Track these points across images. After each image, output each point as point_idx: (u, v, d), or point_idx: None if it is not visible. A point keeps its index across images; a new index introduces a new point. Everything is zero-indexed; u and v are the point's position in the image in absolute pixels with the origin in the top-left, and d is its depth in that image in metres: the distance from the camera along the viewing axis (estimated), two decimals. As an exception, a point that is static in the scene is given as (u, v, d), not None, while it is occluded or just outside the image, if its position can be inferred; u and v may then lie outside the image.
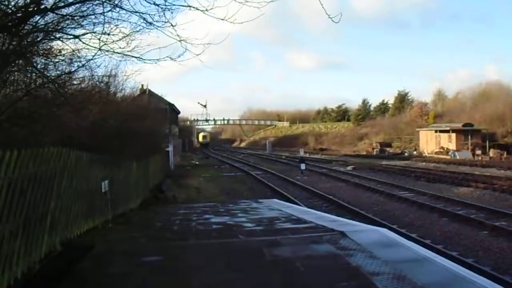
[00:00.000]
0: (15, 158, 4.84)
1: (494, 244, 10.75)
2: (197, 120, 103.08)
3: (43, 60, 7.53)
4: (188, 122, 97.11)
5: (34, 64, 7.22)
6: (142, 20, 6.22)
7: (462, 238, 11.54)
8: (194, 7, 5.84)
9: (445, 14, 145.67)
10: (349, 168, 34.43)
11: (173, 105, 44.62)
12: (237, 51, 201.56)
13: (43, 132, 7.39)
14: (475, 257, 9.82)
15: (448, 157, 40.33)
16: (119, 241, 8.09)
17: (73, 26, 6.54)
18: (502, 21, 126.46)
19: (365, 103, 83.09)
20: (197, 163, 47.60)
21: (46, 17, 6.33)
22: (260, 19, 6.27)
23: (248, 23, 6.31)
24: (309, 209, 13.50)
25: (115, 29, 6.56)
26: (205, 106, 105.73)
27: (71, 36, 6.57)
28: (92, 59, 7.86)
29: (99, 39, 6.42)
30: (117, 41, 6.67)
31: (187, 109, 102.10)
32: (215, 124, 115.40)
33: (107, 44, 6.58)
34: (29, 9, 5.48)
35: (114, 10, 6.07)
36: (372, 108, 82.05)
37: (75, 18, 6.25)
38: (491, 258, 9.75)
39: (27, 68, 7.24)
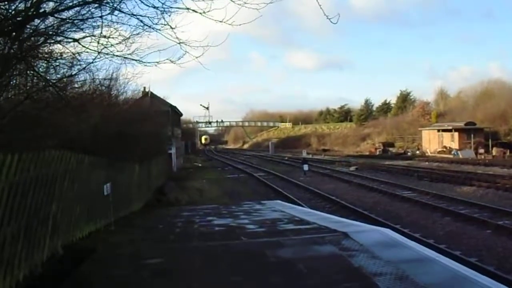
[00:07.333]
0: (16, 161, 4.84)
1: (498, 243, 10.69)
2: (199, 122, 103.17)
3: (44, 64, 7.56)
4: (191, 125, 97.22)
5: (35, 67, 7.24)
6: (141, 23, 6.24)
7: (465, 238, 11.48)
8: (192, 10, 5.84)
9: (446, 10, 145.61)
10: (352, 168, 34.39)
11: (175, 107, 44.65)
12: (236, 52, 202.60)
13: (44, 135, 7.40)
14: (479, 256, 9.75)
15: (451, 156, 40.22)
16: (121, 244, 8.08)
17: (73, 29, 6.56)
18: (505, 18, 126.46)
19: (367, 103, 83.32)
20: (200, 165, 47.63)
21: (46, 21, 6.36)
22: (258, 19, 6.27)
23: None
24: (312, 210, 13.46)
25: (115, 32, 6.59)
26: (207, 108, 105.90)
27: (71, 40, 6.59)
28: (92, 63, 7.89)
29: (98, 42, 6.44)
30: (116, 44, 6.69)
31: (190, 111, 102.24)
32: (217, 126, 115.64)
33: (106, 47, 6.61)
34: (29, 13, 5.49)
35: (113, 14, 6.09)
36: (374, 108, 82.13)
37: (75, 21, 6.27)
38: (495, 257, 9.68)
39: (28, 71, 7.26)
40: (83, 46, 6.64)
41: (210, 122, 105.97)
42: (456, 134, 43.58)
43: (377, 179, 25.66)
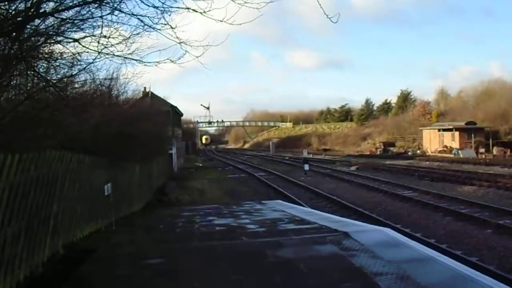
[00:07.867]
0: (16, 161, 4.84)
1: (499, 243, 10.69)
2: (199, 122, 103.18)
3: (44, 64, 7.53)
4: (192, 125, 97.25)
5: (35, 68, 7.22)
6: (141, 23, 6.23)
7: (466, 237, 11.48)
8: (192, 9, 5.83)
9: (446, 9, 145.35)
10: (353, 168, 34.39)
11: (175, 107, 44.64)
12: (236, 51, 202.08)
13: (45, 135, 7.39)
14: (480, 256, 9.76)
15: (452, 155, 40.21)
16: (122, 244, 8.08)
17: (73, 29, 6.55)
18: (505, 17, 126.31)
19: (368, 103, 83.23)
20: (200, 165, 47.60)
21: (47, 21, 6.35)
22: (259, 18, 6.26)
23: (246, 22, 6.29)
24: (312, 210, 13.45)
25: (115, 32, 6.57)
26: (208, 108, 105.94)
27: (71, 40, 6.58)
28: (92, 63, 7.88)
29: (98, 42, 6.43)
30: (117, 44, 6.67)
31: (190, 111, 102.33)
32: (218, 126, 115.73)
33: (107, 47, 6.59)
34: (29, 13, 5.49)
35: (113, 14, 6.08)
36: (375, 108, 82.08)
37: (75, 21, 6.26)
38: (496, 257, 9.69)
39: (29, 72, 7.24)
40: (83, 46, 6.64)
41: (210, 122, 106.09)
42: (456, 133, 43.58)
43: (378, 178, 25.66)
